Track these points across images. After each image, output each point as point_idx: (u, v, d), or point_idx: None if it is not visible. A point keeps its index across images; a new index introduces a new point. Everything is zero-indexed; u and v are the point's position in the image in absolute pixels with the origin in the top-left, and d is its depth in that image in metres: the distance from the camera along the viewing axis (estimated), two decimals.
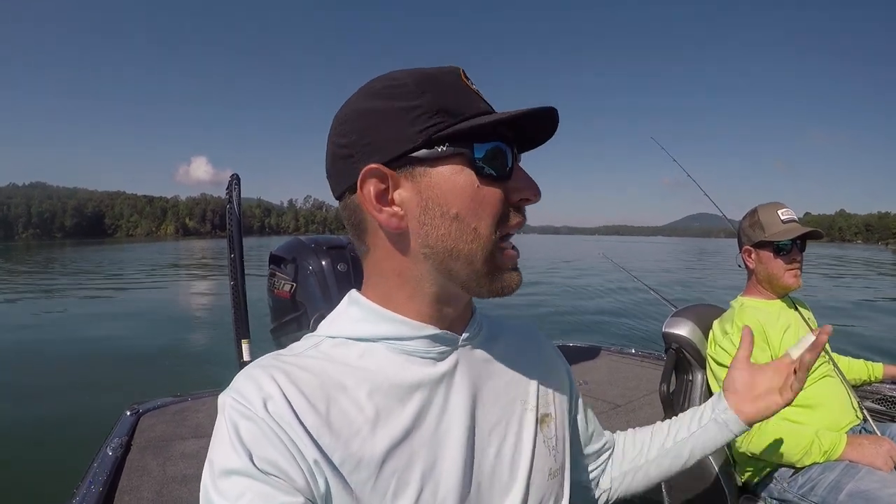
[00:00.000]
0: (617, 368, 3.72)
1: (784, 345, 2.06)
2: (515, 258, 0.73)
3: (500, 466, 0.76)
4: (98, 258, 42.84)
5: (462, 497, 0.70)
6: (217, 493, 0.60)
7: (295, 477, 0.61)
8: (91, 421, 4.86)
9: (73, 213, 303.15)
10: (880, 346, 10.03)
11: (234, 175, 2.43)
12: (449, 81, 0.68)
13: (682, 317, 2.28)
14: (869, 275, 31.11)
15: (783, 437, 1.88)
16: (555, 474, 0.83)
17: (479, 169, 0.67)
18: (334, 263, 2.16)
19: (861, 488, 1.69)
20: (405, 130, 0.66)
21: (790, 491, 1.89)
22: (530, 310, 13.96)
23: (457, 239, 0.67)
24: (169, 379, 7.37)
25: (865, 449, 1.81)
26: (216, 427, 0.65)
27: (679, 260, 44.87)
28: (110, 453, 2.17)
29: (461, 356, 0.77)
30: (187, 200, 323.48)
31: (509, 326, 0.93)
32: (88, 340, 10.05)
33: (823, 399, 2.02)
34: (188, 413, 2.76)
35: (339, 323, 0.76)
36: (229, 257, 2.22)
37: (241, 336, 2.17)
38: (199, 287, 21.49)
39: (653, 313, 12.13)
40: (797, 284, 2.14)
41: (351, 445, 0.65)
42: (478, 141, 0.67)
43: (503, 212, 0.69)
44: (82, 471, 2.03)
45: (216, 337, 10.23)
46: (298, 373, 0.67)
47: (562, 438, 0.87)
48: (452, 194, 0.67)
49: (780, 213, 2.16)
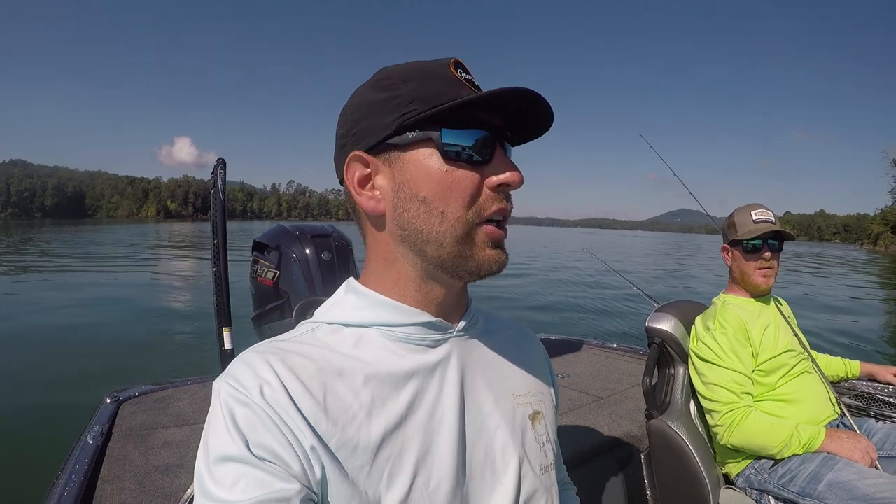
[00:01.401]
0: (599, 362, 3.75)
1: (764, 343, 2.10)
2: (498, 236, 0.73)
3: (493, 457, 0.77)
4: (76, 240, 42.17)
5: (455, 484, 0.71)
6: (212, 480, 0.60)
7: (291, 463, 0.61)
8: (70, 409, 4.84)
9: (54, 192, 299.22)
10: (856, 343, 10.24)
11: (220, 160, 2.39)
12: (435, 72, 0.71)
13: (665, 312, 2.32)
14: (837, 270, 31.87)
15: (763, 429, 1.93)
16: (546, 470, 0.84)
17: (448, 153, 0.68)
18: (318, 252, 2.15)
19: (839, 479, 1.73)
20: (384, 119, 0.70)
21: (770, 482, 1.93)
22: (512, 301, 14.04)
23: (425, 221, 0.70)
24: (149, 366, 7.29)
25: (844, 442, 1.85)
26: (211, 412, 0.65)
27: (661, 255, 45.28)
28: (91, 442, 2.14)
29: (456, 345, 0.78)
30: (169, 182, 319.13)
31: (504, 322, 0.95)
32: (66, 327, 9.84)
33: (802, 394, 2.07)
34: (170, 401, 2.74)
35: (337, 309, 0.77)
36: (213, 243, 2.19)
37: (222, 323, 2.14)
38: (180, 272, 21.29)
39: (635, 308, 12.24)
40: (766, 284, 2.19)
41: (347, 431, 0.65)
42: (448, 126, 0.68)
43: (476, 196, 0.70)
44: (62, 460, 2.00)
45: (197, 324, 10.16)
46: (295, 359, 0.68)
47: (551, 437, 0.88)
48: (421, 178, 0.69)
49: (753, 213, 2.21)
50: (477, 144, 0.70)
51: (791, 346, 2.14)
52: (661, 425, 2.17)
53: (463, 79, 0.71)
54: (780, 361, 2.09)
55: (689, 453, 2.09)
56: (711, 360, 2.07)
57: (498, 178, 0.71)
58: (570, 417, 2.63)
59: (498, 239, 0.73)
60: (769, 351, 2.10)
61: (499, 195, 0.72)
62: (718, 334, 2.09)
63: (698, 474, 2.07)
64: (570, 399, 2.89)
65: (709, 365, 2.08)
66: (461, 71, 0.72)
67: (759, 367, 2.09)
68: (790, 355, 2.11)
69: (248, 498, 0.57)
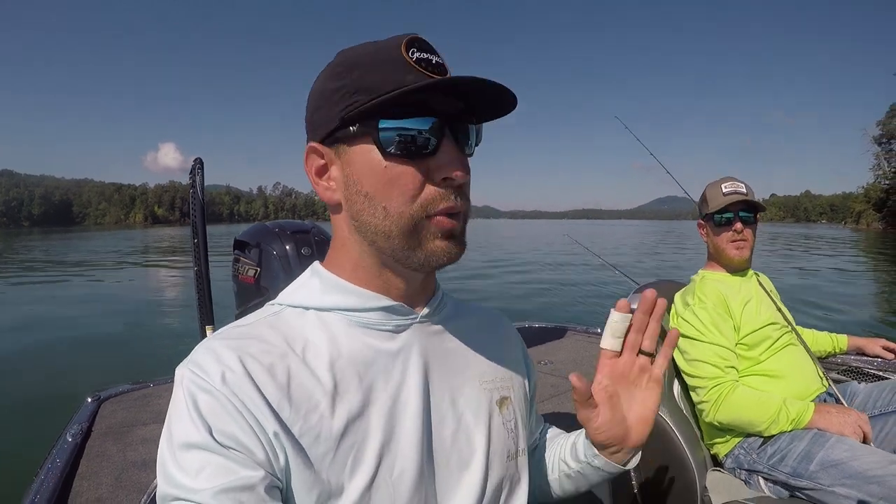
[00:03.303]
0: (583, 347, 3.77)
1: (745, 317, 2.08)
2: (450, 227, 0.70)
3: (458, 443, 0.76)
4: (62, 247, 41.88)
5: (420, 471, 0.70)
6: (176, 467, 0.60)
7: (255, 450, 0.61)
8: (52, 409, 4.83)
9: (41, 201, 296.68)
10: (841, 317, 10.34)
11: (198, 159, 2.39)
12: (382, 57, 0.68)
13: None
14: (823, 248, 32.13)
15: (750, 405, 1.90)
16: (513, 456, 0.83)
17: (385, 147, 0.67)
18: (298, 247, 2.15)
19: (831, 457, 1.70)
20: (332, 111, 0.69)
21: (760, 462, 1.89)
22: (495, 290, 14.08)
23: (370, 216, 0.69)
24: (131, 366, 7.29)
25: (833, 417, 1.82)
26: (173, 399, 0.64)
27: (646, 241, 45.48)
28: (70, 439, 2.15)
29: (420, 331, 0.78)
30: (156, 188, 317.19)
31: (474, 308, 0.94)
32: (50, 328, 9.90)
33: (788, 369, 2.04)
34: (150, 399, 2.76)
35: (300, 292, 0.77)
36: (193, 243, 2.19)
37: (205, 322, 2.15)
38: (164, 274, 21.26)
39: (618, 292, 12.28)
40: (740, 256, 2.16)
41: (310, 419, 0.65)
42: (389, 117, 0.66)
43: (419, 191, 0.68)
44: (42, 458, 2.01)
45: (180, 323, 10.15)
46: (258, 344, 0.67)
47: (520, 422, 0.87)
48: (363, 173, 0.69)
49: (723, 186, 2.18)
50: (420, 135, 0.67)
51: (774, 320, 2.12)
52: None
53: (414, 60, 0.67)
54: (763, 335, 2.06)
55: (672, 436, 2.04)
56: (693, 336, 2.04)
57: (443, 172, 0.68)
58: (552, 403, 2.62)
59: (449, 230, 0.70)
60: (751, 324, 2.07)
61: (446, 190, 0.69)
62: (698, 309, 2.07)
63: (683, 457, 2.02)
64: (553, 385, 2.89)
65: (690, 341, 2.05)
66: (414, 50, 0.68)
67: (742, 340, 2.06)
68: (773, 328, 2.09)
69: (213, 486, 0.57)
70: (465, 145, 0.72)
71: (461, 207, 0.71)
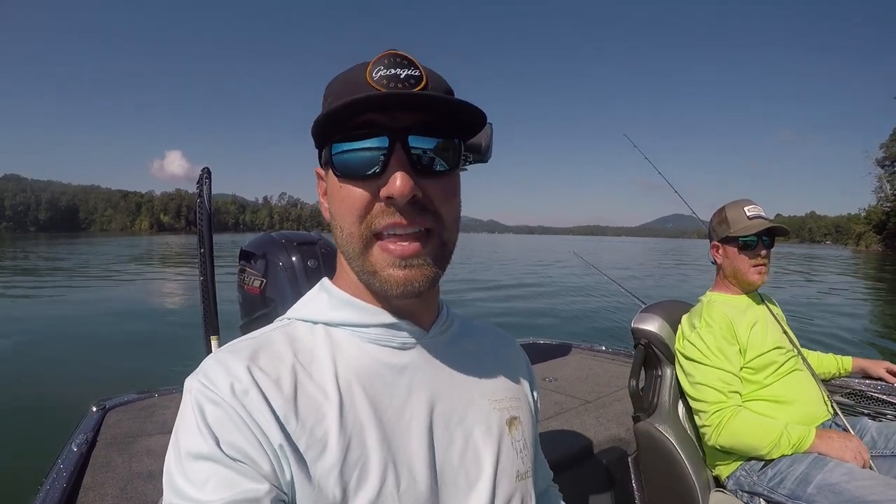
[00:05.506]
0: (587, 365, 3.74)
1: (752, 340, 2.07)
2: (398, 252, 0.68)
3: (466, 462, 0.76)
4: (68, 252, 42.01)
5: (426, 490, 0.70)
6: (182, 477, 0.60)
7: (261, 463, 0.61)
8: (57, 418, 4.78)
9: (47, 206, 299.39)
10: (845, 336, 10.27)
11: (206, 169, 2.39)
12: (350, 80, 0.69)
13: (650, 312, 2.29)
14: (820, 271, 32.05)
15: (752, 429, 1.90)
16: (522, 477, 0.82)
17: (337, 169, 0.69)
18: (304, 259, 2.14)
19: (829, 481, 1.70)
20: (316, 136, 0.71)
21: (760, 484, 1.90)
22: (500, 306, 14.03)
23: (338, 236, 0.72)
24: (137, 375, 7.24)
25: (834, 442, 1.82)
26: (182, 409, 0.64)
27: (651, 259, 45.42)
28: (75, 449, 2.15)
29: (428, 348, 0.78)
30: (162, 196, 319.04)
31: (481, 327, 0.94)
32: (56, 337, 9.90)
33: (794, 394, 2.03)
34: (155, 409, 2.75)
35: (309, 307, 0.78)
36: (199, 252, 2.19)
37: (210, 332, 2.14)
38: (170, 283, 21.23)
39: (623, 310, 12.23)
40: (761, 281, 2.16)
41: (316, 432, 0.65)
42: (338, 141, 0.68)
43: (367, 210, 0.68)
44: (47, 468, 2.01)
45: (185, 333, 10.11)
46: (266, 357, 0.68)
47: (528, 443, 0.87)
48: (331, 195, 0.73)
49: (746, 209, 2.16)
50: (365, 156, 0.67)
51: (780, 344, 2.10)
52: (649, 427, 2.14)
53: (375, 79, 0.67)
54: (769, 359, 2.05)
55: (677, 456, 2.07)
56: (698, 360, 2.04)
57: (383, 192, 0.66)
58: (558, 421, 2.60)
59: (398, 255, 0.68)
60: (757, 348, 2.06)
61: (389, 208, 0.67)
62: (704, 332, 2.06)
63: (687, 477, 2.04)
64: (557, 403, 2.87)
65: (695, 364, 2.05)
66: (380, 68, 0.67)
67: (748, 364, 2.05)
68: (779, 352, 2.08)
69: (219, 498, 0.57)
70: (422, 163, 0.68)
71: (424, 224, 0.69)
